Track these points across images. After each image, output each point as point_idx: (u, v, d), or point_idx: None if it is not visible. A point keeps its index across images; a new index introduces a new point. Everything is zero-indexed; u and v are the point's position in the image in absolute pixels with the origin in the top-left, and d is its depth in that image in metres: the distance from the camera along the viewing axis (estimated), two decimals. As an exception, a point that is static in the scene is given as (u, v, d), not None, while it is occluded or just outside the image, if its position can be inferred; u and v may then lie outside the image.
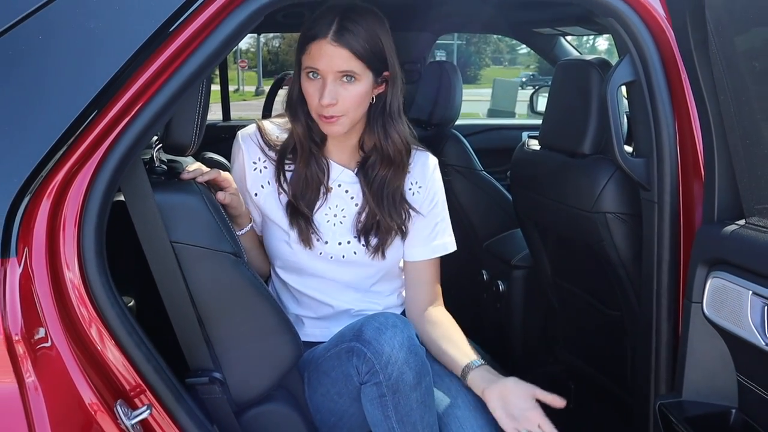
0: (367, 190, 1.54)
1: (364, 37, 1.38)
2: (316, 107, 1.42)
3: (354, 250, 1.56)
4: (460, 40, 30.52)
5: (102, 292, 1.10)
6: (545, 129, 2.01)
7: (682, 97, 1.41)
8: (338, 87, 1.39)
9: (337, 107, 1.40)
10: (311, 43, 1.39)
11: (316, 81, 1.40)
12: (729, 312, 1.27)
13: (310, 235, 1.53)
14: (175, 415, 1.18)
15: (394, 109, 1.50)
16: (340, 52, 1.37)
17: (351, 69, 1.39)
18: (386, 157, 1.51)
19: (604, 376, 2.08)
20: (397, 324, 1.35)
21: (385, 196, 1.54)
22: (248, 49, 26.26)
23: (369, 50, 1.39)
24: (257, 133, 1.54)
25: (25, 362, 0.96)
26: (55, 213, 1.06)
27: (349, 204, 1.56)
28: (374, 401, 1.34)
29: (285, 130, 1.54)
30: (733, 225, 1.30)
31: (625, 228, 1.72)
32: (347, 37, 1.37)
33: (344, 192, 1.56)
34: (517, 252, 2.50)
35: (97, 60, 1.06)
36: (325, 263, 1.56)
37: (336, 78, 1.39)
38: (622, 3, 1.42)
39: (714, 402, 1.39)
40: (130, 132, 1.09)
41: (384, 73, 1.45)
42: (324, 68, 1.38)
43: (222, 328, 1.33)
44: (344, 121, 1.43)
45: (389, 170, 1.53)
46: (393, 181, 1.54)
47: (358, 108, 1.44)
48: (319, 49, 1.38)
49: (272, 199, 1.54)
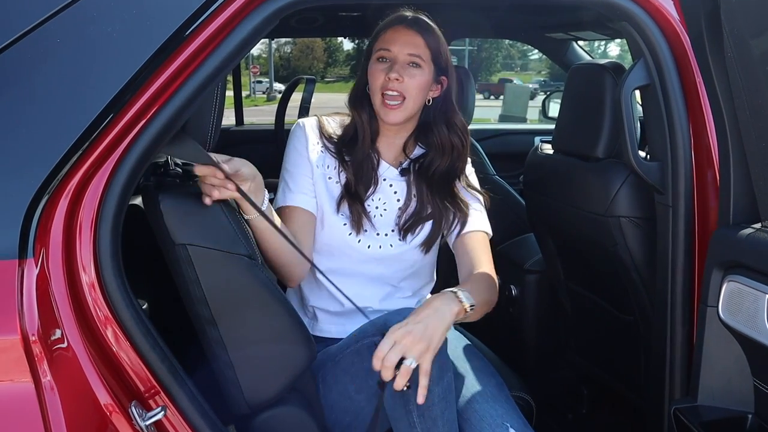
0: (425, 187, 1.64)
1: (434, 33, 1.58)
2: (382, 84, 1.54)
3: (390, 243, 1.64)
4: (471, 46, 30.53)
5: (117, 293, 1.11)
6: (558, 133, 2.00)
7: (697, 100, 1.41)
8: (406, 68, 1.55)
9: (402, 85, 1.53)
10: (387, 29, 1.58)
11: (385, 64, 1.56)
12: (745, 316, 1.26)
13: (362, 220, 1.61)
14: (189, 416, 1.18)
15: (454, 103, 1.65)
16: (414, 37, 1.56)
17: (419, 54, 1.56)
18: (450, 148, 1.64)
19: (617, 381, 2.07)
20: None
21: (444, 187, 1.65)
22: (260, 54, 26.39)
23: (436, 47, 1.57)
24: (318, 123, 1.67)
25: (41, 362, 0.96)
26: (72, 214, 1.07)
27: (392, 199, 1.66)
28: (396, 395, 1.34)
29: (340, 127, 1.67)
30: (749, 228, 1.29)
31: (639, 232, 1.71)
32: (422, 26, 1.58)
33: (389, 186, 1.66)
34: (530, 256, 2.49)
35: (115, 62, 1.07)
36: (359, 251, 1.63)
37: (405, 62, 1.55)
38: (635, 6, 1.41)
39: (730, 407, 1.38)
40: (146, 134, 1.10)
41: (441, 77, 1.61)
42: (396, 49, 1.55)
43: (236, 330, 1.33)
44: (405, 105, 1.55)
45: (452, 159, 1.65)
46: (459, 166, 1.67)
47: (418, 96, 1.57)
48: (395, 32, 1.57)
49: (322, 182, 1.63)
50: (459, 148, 1.65)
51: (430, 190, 1.65)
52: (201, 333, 1.32)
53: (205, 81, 1.14)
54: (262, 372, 1.37)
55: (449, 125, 1.64)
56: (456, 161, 1.66)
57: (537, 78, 30.44)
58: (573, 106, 1.94)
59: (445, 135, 1.64)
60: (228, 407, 1.37)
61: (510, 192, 2.77)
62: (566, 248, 2.14)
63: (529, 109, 13.14)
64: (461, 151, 1.66)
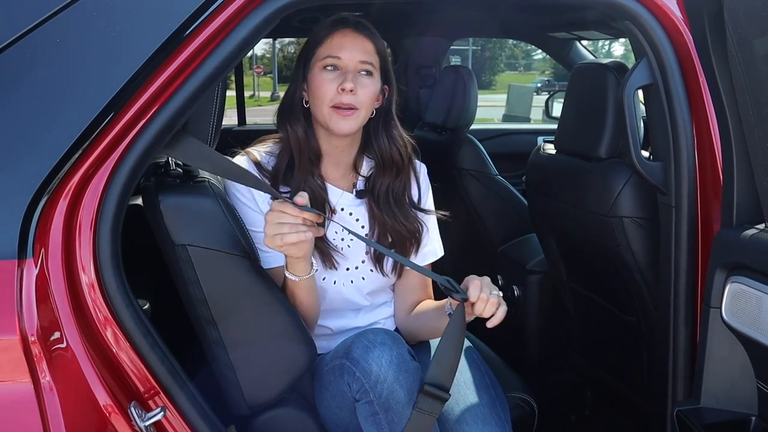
0: (375, 207, 1.52)
1: (379, 38, 1.45)
2: (332, 97, 1.40)
3: (362, 276, 1.55)
4: (474, 46, 30.52)
5: (117, 293, 1.10)
6: (561, 133, 2.00)
7: (700, 100, 1.40)
8: (357, 79, 1.41)
9: (357, 97, 1.40)
10: (332, 34, 1.42)
11: (334, 73, 1.41)
12: (748, 317, 1.26)
13: (331, 255, 1.49)
14: (189, 417, 1.18)
15: (394, 113, 1.53)
16: (365, 42, 1.43)
17: (371, 61, 1.43)
18: (390, 163, 1.52)
19: (620, 382, 2.06)
20: (386, 341, 1.32)
21: (394, 205, 1.53)
22: (263, 55, 26.40)
23: (384, 53, 1.45)
24: (250, 162, 1.47)
25: (40, 363, 0.96)
26: (72, 214, 1.07)
27: (356, 227, 1.53)
28: (368, 419, 1.33)
29: (273, 157, 1.50)
30: (753, 229, 1.28)
31: (641, 232, 1.70)
32: (370, 30, 1.44)
33: (348, 215, 1.53)
34: (532, 257, 2.48)
35: (114, 62, 1.06)
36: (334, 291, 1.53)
37: (356, 70, 1.42)
38: (638, 5, 1.41)
39: (733, 409, 1.37)
40: (146, 134, 1.10)
41: (384, 86, 1.49)
42: (347, 57, 1.41)
43: (236, 331, 1.32)
44: (358, 115, 1.42)
45: (393, 175, 1.53)
46: (399, 185, 1.54)
47: (370, 106, 1.45)
48: (343, 37, 1.41)
49: None
50: (399, 163, 1.52)
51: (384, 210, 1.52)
52: (201, 333, 1.32)
53: (205, 81, 1.13)
54: (263, 373, 1.37)
55: (390, 137, 1.52)
56: (396, 178, 1.53)
57: (540, 78, 30.39)
58: (576, 106, 1.93)
59: (386, 148, 1.51)
60: (228, 408, 1.36)
61: (512, 192, 2.76)
62: (569, 249, 2.13)
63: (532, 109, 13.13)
64: (401, 167, 1.53)
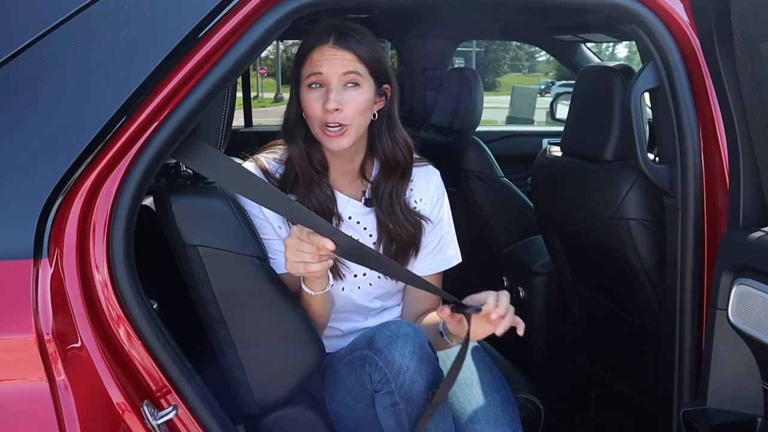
0: (379, 212, 1.51)
1: (364, 43, 1.41)
2: (320, 117, 1.38)
3: (369, 282, 1.55)
4: (478, 48, 30.48)
5: (130, 293, 1.11)
6: (567, 135, 2.00)
7: (707, 103, 1.40)
8: (342, 93, 1.38)
9: (343, 114, 1.37)
10: (312, 51, 1.40)
11: (319, 90, 1.39)
12: (755, 319, 1.26)
13: (337, 265, 1.48)
14: (200, 416, 1.19)
15: (397, 116, 1.51)
16: (343, 54, 1.39)
17: (355, 70, 1.39)
18: (395, 164, 1.50)
19: (625, 384, 2.07)
20: (409, 333, 1.34)
21: (396, 209, 1.52)
22: (267, 56, 26.40)
23: (370, 56, 1.41)
24: (258, 169, 1.48)
25: (55, 361, 0.97)
26: (86, 215, 1.08)
27: (363, 236, 1.53)
28: (388, 410, 1.34)
29: (282, 165, 1.50)
30: (759, 231, 1.29)
31: (647, 235, 1.71)
32: (349, 41, 1.40)
33: (356, 224, 1.53)
34: (537, 258, 2.49)
35: (128, 65, 1.08)
36: (343, 298, 1.53)
37: (340, 83, 1.39)
38: (645, 9, 1.41)
39: (739, 410, 1.37)
40: (159, 136, 1.11)
41: (384, 86, 1.47)
42: (328, 71, 1.38)
43: (245, 331, 1.34)
44: (350, 131, 1.40)
45: (396, 179, 1.52)
46: (401, 189, 1.53)
47: (363, 117, 1.42)
48: (322, 54, 1.39)
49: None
50: (404, 165, 1.51)
51: (388, 214, 1.51)
52: (211, 333, 1.33)
53: (217, 83, 1.14)
54: (272, 372, 1.38)
55: (393, 139, 1.50)
56: (400, 180, 1.52)
57: (544, 80, 30.34)
58: (582, 109, 1.94)
59: (390, 150, 1.49)
60: (237, 407, 1.37)
61: (518, 194, 2.77)
62: (574, 250, 2.14)
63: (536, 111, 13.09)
64: (406, 168, 1.52)
